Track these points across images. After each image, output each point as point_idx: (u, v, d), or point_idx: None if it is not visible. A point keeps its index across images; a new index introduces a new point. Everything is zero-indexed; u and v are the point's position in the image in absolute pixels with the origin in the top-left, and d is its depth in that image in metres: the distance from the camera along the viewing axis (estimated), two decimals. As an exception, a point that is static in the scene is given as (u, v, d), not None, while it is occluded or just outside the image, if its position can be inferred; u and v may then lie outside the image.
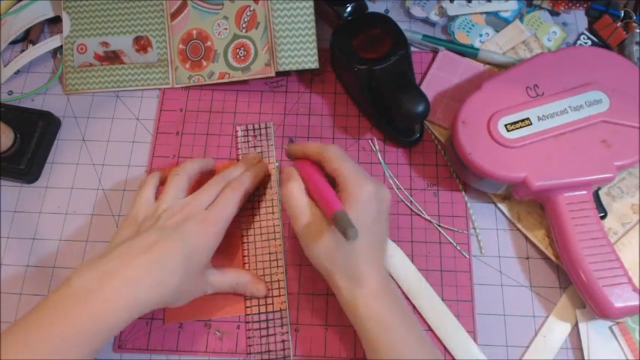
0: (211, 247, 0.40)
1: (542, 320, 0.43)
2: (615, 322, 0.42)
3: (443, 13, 0.55)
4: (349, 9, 0.50)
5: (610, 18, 0.53)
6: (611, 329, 0.42)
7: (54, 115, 0.52)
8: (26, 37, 0.56)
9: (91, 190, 0.49)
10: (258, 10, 0.50)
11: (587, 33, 0.54)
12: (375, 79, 0.46)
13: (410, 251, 0.46)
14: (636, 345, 0.42)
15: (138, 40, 0.54)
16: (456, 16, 0.55)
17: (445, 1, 0.55)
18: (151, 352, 0.43)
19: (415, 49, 0.55)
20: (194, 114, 0.52)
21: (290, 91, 0.53)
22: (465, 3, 0.55)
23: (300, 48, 0.49)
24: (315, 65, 0.49)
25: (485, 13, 0.55)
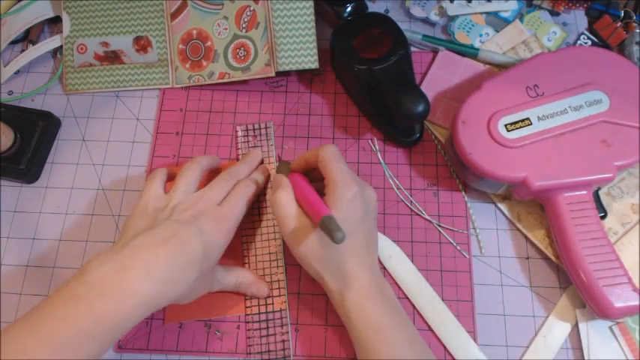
0: (224, 244, 0.40)
1: (542, 320, 0.43)
2: (615, 322, 0.42)
3: (443, 13, 0.55)
4: (349, 9, 0.50)
5: (610, 18, 0.53)
6: (611, 329, 0.42)
7: (54, 115, 0.52)
8: (26, 37, 0.56)
9: (91, 190, 0.49)
10: (258, 10, 0.50)
11: (587, 33, 0.54)
12: (375, 79, 0.46)
13: (410, 251, 0.46)
14: (636, 345, 0.42)
15: (138, 40, 0.54)
16: (456, 16, 0.55)
17: (445, 1, 0.55)
18: (151, 352, 0.43)
19: (415, 49, 0.55)
20: (194, 114, 0.52)
21: (290, 91, 0.53)
22: (465, 3, 0.55)
23: (300, 48, 0.49)
24: (315, 65, 0.49)
25: (485, 13, 0.55)
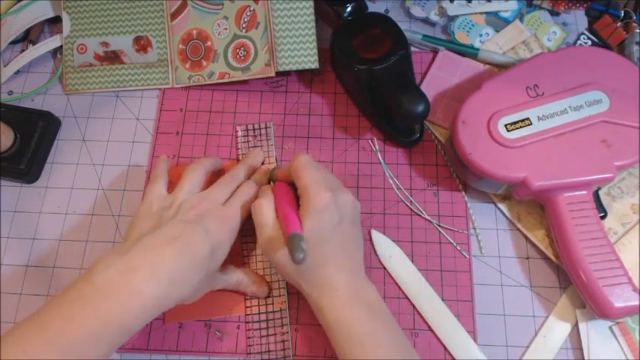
0: (229, 245, 0.40)
1: (542, 320, 0.43)
2: (615, 322, 0.42)
3: (443, 13, 0.55)
4: (349, 9, 0.50)
5: (610, 18, 0.53)
6: (611, 329, 0.42)
7: (54, 115, 0.52)
8: (26, 37, 0.56)
9: (91, 190, 0.49)
10: (258, 10, 0.50)
11: (587, 33, 0.54)
12: (375, 79, 0.46)
13: (410, 251, 0.46)
14: (636, 345, 0.42)
15: (138, 40, 0.54)
16: (456, 16, 0.55)
17: (445, 1, 0.55)
18: (151, 352, 0.43)
19: (415, 49, 0.55)
20: (194, 114, 0.52)
21: (290, 91, 0.53)
22: (465, 3, 0.55)
23: (300, 48, 0.49)
24: (315, 65, 0.49)
25: (485, 13, 0.55)
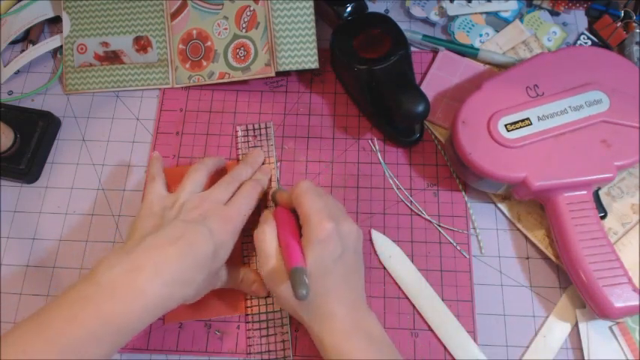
0: (232, 245, 0.40)
1: (542, 320, 0.43)
2: (615, 322, 0.42)
3: (443, 13, 0.55)
4: (349, 9, 0.50)
5: (610, 18, 0.53)
6: (611, 329, 0.42)
7: (54, 115, 0.52)
8: (26, 37, 0.56)
9: (91, 190, 0.49)
10: (258, 10, 0.50)
11: (587, 33, 0.54)
12: (375, 79, 0.46)
13: (410, 251, 0.46)
14: (636, 345, 0.42)
15: (138, 40, 0.54)
16: (456, 16, 0.55)
17: (445, 1, 0.55)
18: (151, 352, 0.43)
19: (415, 49, 0.55)
20: (194, 114, 0.52)
21: (290, 91, 0.53)
22: (465, 3, 0.55)
23: (300, 48, 0.49)
24: (315, 65, 0.49)
25: (486, 13, 0.55)
